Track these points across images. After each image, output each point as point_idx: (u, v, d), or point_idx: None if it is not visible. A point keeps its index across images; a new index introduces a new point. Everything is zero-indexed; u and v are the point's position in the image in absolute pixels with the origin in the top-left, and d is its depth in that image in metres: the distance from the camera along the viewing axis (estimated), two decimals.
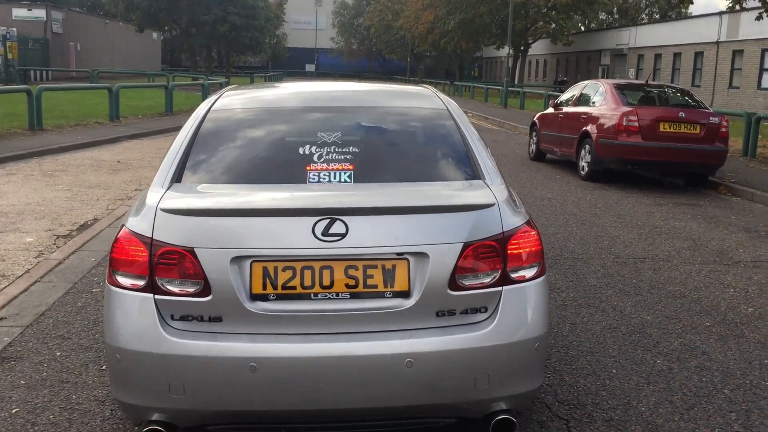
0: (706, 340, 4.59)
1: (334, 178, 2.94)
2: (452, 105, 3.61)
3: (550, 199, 9.73)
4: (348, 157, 3.03)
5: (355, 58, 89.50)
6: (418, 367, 2.60)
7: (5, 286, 5.19)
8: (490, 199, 2.83)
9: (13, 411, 3.36)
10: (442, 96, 3.78)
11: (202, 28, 57.43)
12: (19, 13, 47.84)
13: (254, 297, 2.61)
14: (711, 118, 10.99)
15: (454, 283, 2.68)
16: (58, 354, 4.04)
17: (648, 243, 7.28)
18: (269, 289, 2.61)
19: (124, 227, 2.77)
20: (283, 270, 2.61)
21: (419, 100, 3.75)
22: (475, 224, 2.72)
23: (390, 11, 73.44)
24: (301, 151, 3.06)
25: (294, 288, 2.61)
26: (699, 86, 36.62)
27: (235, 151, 3.22)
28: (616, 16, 62.69)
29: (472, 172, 3.12)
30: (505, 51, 42.43)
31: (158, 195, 2.81)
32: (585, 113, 11.96)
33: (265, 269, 2.61)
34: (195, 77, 39.09)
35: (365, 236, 2.63)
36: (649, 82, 13.28)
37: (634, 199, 10.02)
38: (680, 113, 10.95)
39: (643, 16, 60.91)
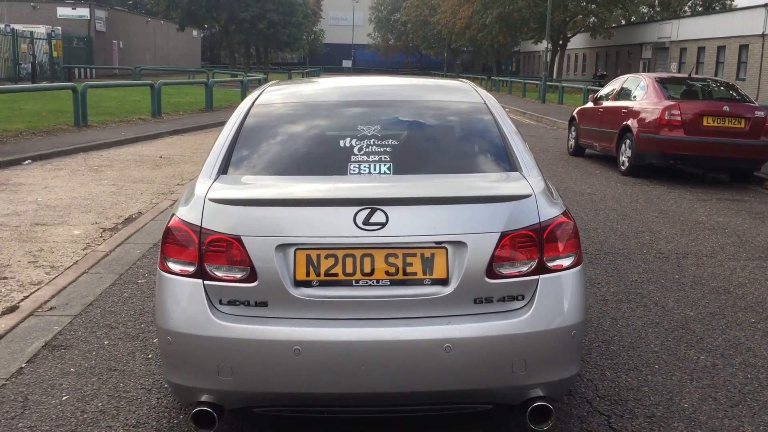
0: (751, 337, 4.51)
1: (374, 169, 3.01)
2: (490, 99, 3.66)
3: (590, 194, 9.63)
4: (387, 149, 3.11)
5: (391, 54, 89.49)
6: (456, 352, 2.66)
7: (55, 277, 5.34)
8: (527, 190, 2.88)
9: (64, 398, 3.46)
10: (480, 90, 3.83)
11: (241, 26, 57.98)
12: (63, 12, 48.89)
13: (298, 283, 2.70)
14: (756, 112, 10.75)
15: (491, 272, 2.73)
16: (106, 343, 4.15)
17: (691, 238, 7.16)
18: (312, 276, 2.69)
19: (174, 216, 2.88)
20: (326, 257, 2.69)
21: (457, 94, 3.80)
22: (512, 214, 2.78)
23: (427, 6, 73.22)
24: (341, 144, 3.15)
25: (336, 275, 2.69)
26: (744, 80, 35.76)
27: (277, 144, 3.31)
28: (658, 9, 61.47)
29: (509, 164, 3.16)
30: (544, 45, 41.98)
31: (206, 186, 2.92)
32: (626, 107, 11.79)
33: (308, 257, 2.69)
34: (234, 74, 39.49)
35: (405, 226, 2.70)
36: (693, 75, 13.03)
37: (676, 195, 9.86)
38: (724, 107, 10.72)
39: (686, 8, 59.66)
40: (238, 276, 2.72)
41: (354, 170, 3.01)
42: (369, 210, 2.70)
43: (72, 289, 5.08)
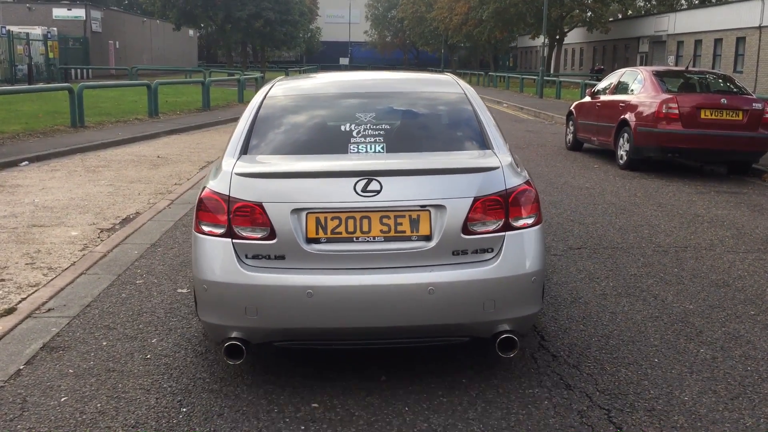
0: (750, 329, 4.50)
1: (370, 149, 3.62)
2: (470, 90, 4.26)
3: (589, 188, 9.62)
4: (381, 132, 3.72)
5: (388, 51, 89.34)
6: (438, 294, 3.27)
7: (52, 278, 5.33)
8: (496, 163, 3.49)
9: (62, 399, 3.45)
10: (462, 83, 4.43)
11: (237, 24, 57.83)
12: (59, 12, 48.77)
13: (309, 240, 3.30)
14: (754, 104, 10.74)
15: (466, 229, 3.34)
16: (104, 344, 4.14)
17: (690, 232, 7.16)
18: (321, 234, 3.30)
19: (206, 188, 3.47)
20: (332, 219, 3.30)
21: (441, 86, 4.41)
22: (483, 183, 3.38)
23: (423, 3, 73.15)
24: (342, 128, 3.75)
25: (340, 233, 3.29)
26: (741, 72, 35.74)
27: (288, 129, 3.92)
28: (654, 3, 61.41)
29: (483, 144, 3.79)
30: (541, 40, 41.92)
31: (231, 163, 3.52)
32: (623, 101, 11.78)
33: (317, 219, 3.30)
34: (231, 73, 39.40)
35: (396, 192, 3.30)
36: (690, 68, 13.01)
37: (674, 188, 9.85)
38: (722, 100, 10.71)
39: (683, 1, 59.59)
40: (260, 235, 3.31)
41: (353, 150, 3.61)
42: (366, 180, 3.29)
43: (70, 291, 5.07)
